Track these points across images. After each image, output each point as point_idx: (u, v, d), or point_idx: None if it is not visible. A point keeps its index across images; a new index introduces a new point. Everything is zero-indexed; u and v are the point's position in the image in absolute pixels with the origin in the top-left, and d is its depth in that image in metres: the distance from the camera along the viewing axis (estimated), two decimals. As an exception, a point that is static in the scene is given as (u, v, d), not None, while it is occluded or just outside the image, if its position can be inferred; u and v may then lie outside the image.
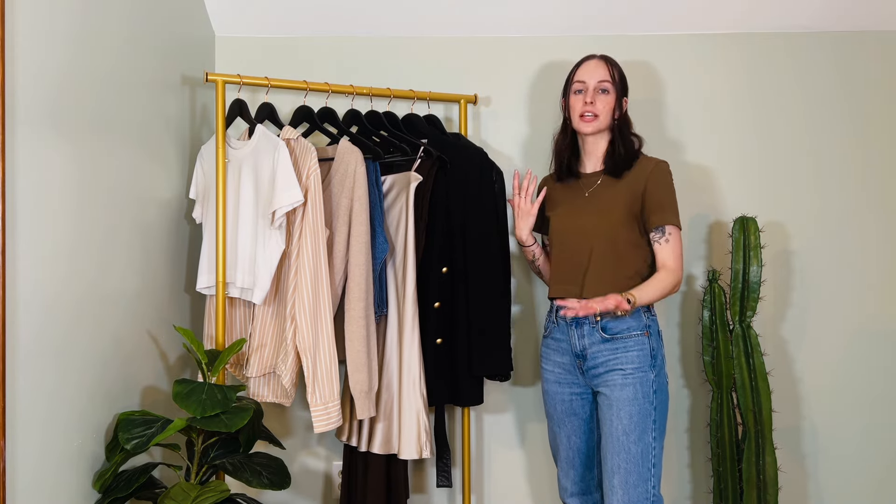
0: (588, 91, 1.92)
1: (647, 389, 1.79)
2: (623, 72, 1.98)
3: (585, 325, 1.86)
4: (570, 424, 1.94)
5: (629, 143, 1.95)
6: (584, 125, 1.93)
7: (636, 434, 1.76)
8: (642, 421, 1.77)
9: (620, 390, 1.79)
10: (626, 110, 1.99)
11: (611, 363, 1.82)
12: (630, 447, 1.75)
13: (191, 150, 2.24)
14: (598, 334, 1.84)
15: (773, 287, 2.44)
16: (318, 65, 2.46)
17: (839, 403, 2.44)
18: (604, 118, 1.92)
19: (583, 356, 1.87)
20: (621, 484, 1.75)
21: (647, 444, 1.76)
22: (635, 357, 1.81)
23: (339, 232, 2.01)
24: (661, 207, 1.86)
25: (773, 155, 2.47)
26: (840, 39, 2.47)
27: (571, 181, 2.02)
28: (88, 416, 1.60)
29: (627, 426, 1.76)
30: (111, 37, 1.71)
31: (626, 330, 1.83)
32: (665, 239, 1.85)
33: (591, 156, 2.00)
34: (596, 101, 1.91)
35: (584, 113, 1.92)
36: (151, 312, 1.94)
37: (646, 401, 1.78)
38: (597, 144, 1.98)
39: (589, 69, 1.94)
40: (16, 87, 1.31)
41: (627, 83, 1.99)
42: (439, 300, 2.11)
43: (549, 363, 1.98)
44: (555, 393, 1.96)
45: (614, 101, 1.93)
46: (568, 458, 1.96)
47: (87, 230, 1.58)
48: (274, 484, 1.75)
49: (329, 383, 1.89)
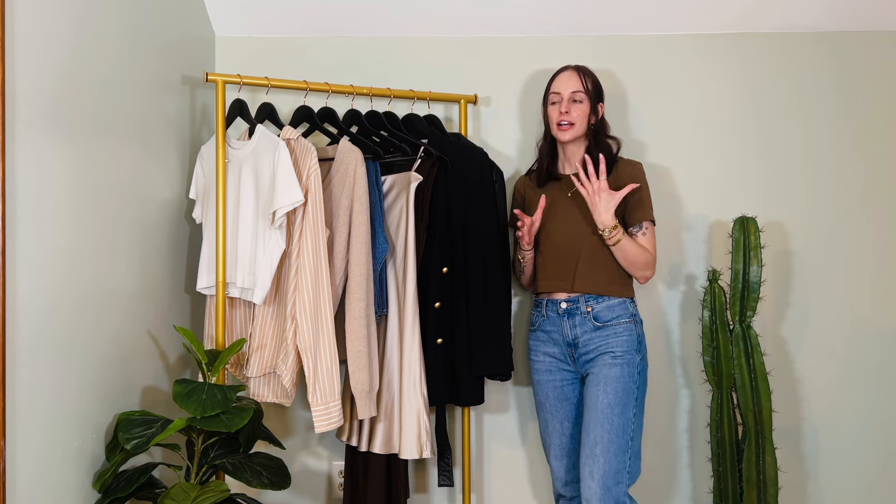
0: (563, 101, 2.06)
1: (632, 370, 1.94)
2: (597, 79, 2.11)
3: (577, 316, 2.00)
4: (562, 410, 2.05)
5: (606, 147, 2.08)
6: (562, 133, 2.07)
7: (619, 408, 1.89)
8: (626, 397, 1.91)
9: (609, 369, 1.93)
10: (603, 115, 2.12)
11: (602, 348, 1.97)
12: (613, 419, 1.88)
13: (191, 150, 2.24)
14: (589, 323, 1.99)
15: (773, 287, 2.45)
16: (318, 65, 2.46)
17: (839, 403, 2.44)
18: (579, 125, 2.06)
19: (574, 344, 2.01)
20: (603, 452, 1.86)
21: (628, 418, 1.90)
22: (624, 342, 1.96)
23: (340, 232, 2.01)
24: (639, 206, 2.03)
25: (774, 155, 2.47)
26: (840, 40, 2.47)
27: (551, 183, 2.15)
28: (88, 416, 1.60)
29: (612, 400, 1.90)
30: (111, 37, 1.71)
31: (616, 318, 1.98)
32: (642, 232, 2.02)
33: (570, 160, 2.15)
34: (571, 111, 2.05)
35: (560, 122, 2.06)
36: (151, 312, 1.94)
37: (630, 380, 1.93)
38: (575, 149, 2.12)
39: (563, 81, 2.08)
40: (16, 86, 1.31)
41: (602, 90, 2.13)
42: (439, 300, 2.11)
43: (539, 354, 2.09)
44: (546, 381, 2.07)
45: (588, 108, 2.06)
46: (562, 445, 2.05)
47: (87, 230, 1.58)
48: (274, 484, 1.75)
49: (330, 383, 1.89)
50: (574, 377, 2.05)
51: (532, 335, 2.12)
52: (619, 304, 2.00)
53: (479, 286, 2.11)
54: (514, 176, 2.46)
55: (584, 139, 2.10)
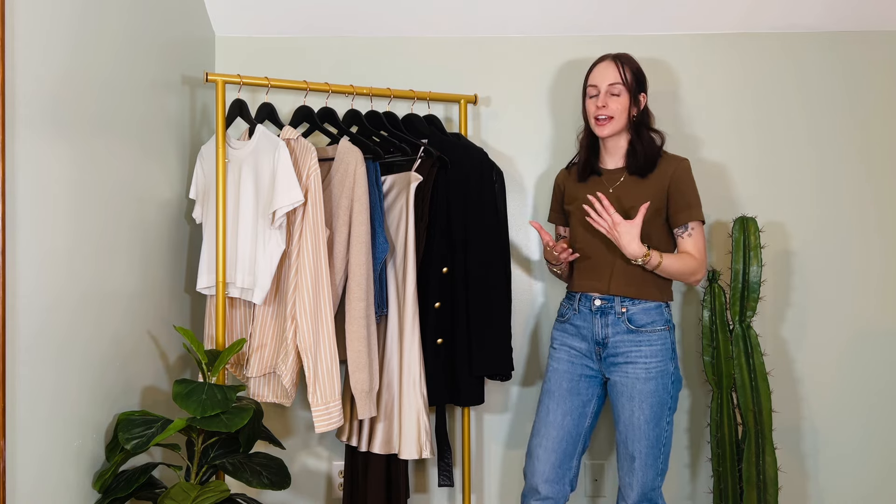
0: (600, 95, 1.94)
1: (666, 381, 1.89)
2: (639, 68, 1.98)
3: (611, 315, 1.91)
4: (569, 403, 1.96)
5: (648, 141, 1.96)
6: (600, 128, 1.96)
7: (654, 421, 1.88)
8: (661, 409, 1.88)
9: (644, 384, 1.87)
10: (646, 105, 1.99)
11: (632, 354, 1.88)
12: (649, 433, 1.88)
13: (191, 150, 2.24)
14: (623, 325, 1.90)
15: (773, 287, 2.45)
16: (318, 65, 2.46)
17: (839, 403, 2.44)
18: (618, 119, 1.94)
19: (603, 344, 1.93)
20: (641, 466, 1.89)
21: (663, 428, 1.90)
22: (658, 351, 1.88)
23: (340, 232, 2.01)
24: (685, 206, 1.91)
25: (774, 155, 2.47)
26: (841, 40, 2.47)
27: (593, 178, 2.04)
28: (88, 416, 1.60)
29: (649, 415, 1.87)
30: (111, 37, 1.71)
31: (651, 324, 1.89)
32: (688, 234, 1.92)
33: (611, 154, 2.02)
34: (608, 104, 1.93)
35: (597, 116, 1.95)
36: (151, 312, 1.94)
37: (665, 392, 1.89)
38: (616, 143, 2.00)
39: (600, 72, 1.96)
40: (16, 87, 1.31)
41: (645, 78, 2.00)
42: (439, 300, 2.11)
43: (564, 346, 2.00)
44: (564, 371, 1.98)
45: (628, 101, 1.94)
46: (557, 437, 1.95)
47: (87, 230, 1.58)
48: (274, 484, 1.75)
49: (330, 383, 1.89)
50: (594, 375, 1.96)
51: (559, 326, 2.03)
52: (656, 308, 1.90)
53: (479, 286, 2.11)
54: (514, 176, 2.47)
55: (626, 132, 1.98)
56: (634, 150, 1.95)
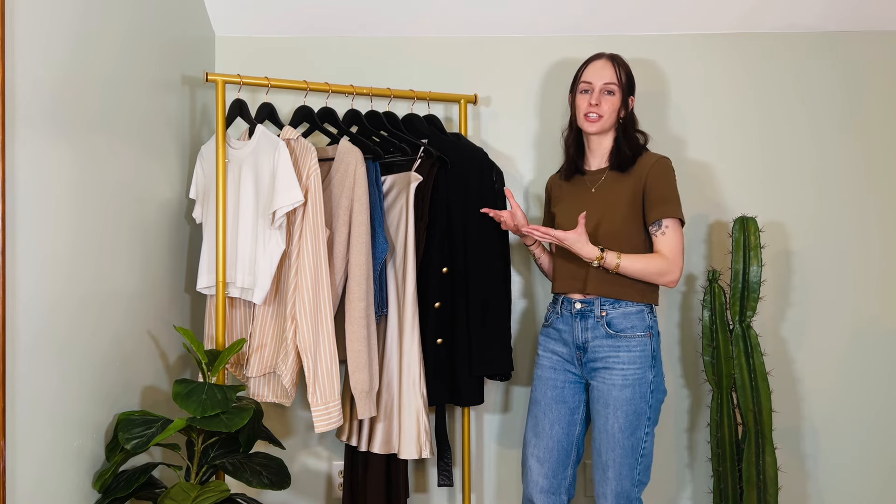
0: (594, 92, 1.94)
1: (644, 390, 1.84)
2: (630, 70, 1.99)
3: (590, 319, 1.88)
4: (556, 412, 1.95)
5: (633, 141, 1.97)
6: (589, 125, 1.95)
7: (629, 430, 1.84)
8: (637, 419, 1.84)
9: (620, 391, 1.83)
10: (633, 108, 2.00)
11: (611, 360, 1.85)
12: (624, 442, 1.84)
13: (191, 150, 2.24)
14: (602, 329, 1.87)
15: (773, 287, 2.45)
16: (318, 65, 2.46)
17: (839, 403, 2.44)
18: (608, 118, 1.94)
19: (583, 348, 1.90)
20: (615, 476, 1.85)
21: (639, 438, 1.85)
22: (637, 357, 1.84)
23: (340, 232, 2.01)
24: (659, 202, 1.87)
25: (774, 155, 2.47)
26: (841, 40, 2.47)
27: (577, 178, 2.04)
28: (88, 416, 1.60)
29: (623, 424, 1.83)
30: (111, 37, 1.71)
31: (631, 329, 1.86)
32: (661, 232, 1.86)
33: (595, 153, 2.02)
34: (601, 103, 1.93)
35: (588, 113, 1.94)
36: (151, 312, 1.94)
37: (643, 401, 1.84)
38: (601, 142, 2.00)
39: (596, 69, 1.95)
40: (16, 86, 1.31)
41: (635, 81, 2.01)
42: (439, 300, 2.11)
43: (547, 351, 2.00)
44: (548, 378, 1.97)
45: (619, 101, 1.94)
46: (548, 447, 1.94)
47: (88, 230, 1.58)
48: (274, 484, 1.75)
49: (330, 383, 1.89)
50: (577, 380, 1.95)
51: (544, 331, 2.03)
52: (637, 312, 1.87)
53: (479, 286, 2.11)
54: (514, 176, 2.47)
55: (612, 132, 1.98)
56: (619, 148, 1.96)
